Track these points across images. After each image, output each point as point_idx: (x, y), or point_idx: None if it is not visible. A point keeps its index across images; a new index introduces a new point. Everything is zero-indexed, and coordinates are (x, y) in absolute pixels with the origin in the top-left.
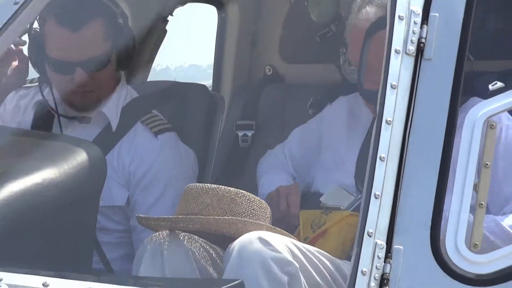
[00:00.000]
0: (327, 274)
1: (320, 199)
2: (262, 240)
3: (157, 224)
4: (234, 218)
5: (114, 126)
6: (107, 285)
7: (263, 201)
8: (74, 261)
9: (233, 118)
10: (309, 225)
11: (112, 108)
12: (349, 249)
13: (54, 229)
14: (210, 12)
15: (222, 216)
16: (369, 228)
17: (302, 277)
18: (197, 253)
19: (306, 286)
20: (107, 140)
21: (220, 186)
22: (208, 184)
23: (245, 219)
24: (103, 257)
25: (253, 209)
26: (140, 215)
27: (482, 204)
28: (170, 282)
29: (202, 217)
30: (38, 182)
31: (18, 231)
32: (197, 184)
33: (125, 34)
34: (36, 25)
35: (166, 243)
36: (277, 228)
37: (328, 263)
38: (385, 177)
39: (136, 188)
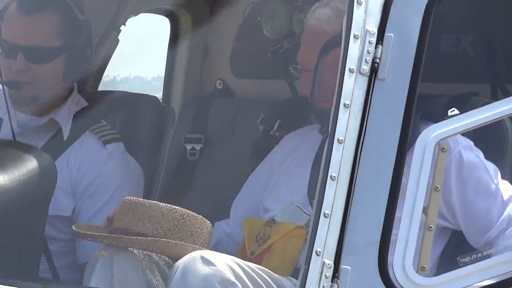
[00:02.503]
0: None
1: (275, 218)
2: (205, 260)
3: (84, 236)
4: (155, 239)
5: (65, 134)
6: None
7: (199, 217)
8: (20, 269)
9: (182, 131)
10: (253, 238)
11: (64, 116)
12: (296, 263)
13: (1, 236)
14: (163, 23)
15: (153, 232)
16: (317, 247)
17: None
18: (147, 267)
19: None
20: (56, 147)
21: (152, 201)
22: (141, 199)
23: (169, 240)
24: (52, 265)
25: (186, 225)
26: (73, 226)
27: (431, 227)
28: None
29: (125, 237)
30: None
31: None
32: (131, 197)
33: (82, 42)
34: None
35: (116, 255)
36: (203, 248)
37: (271, 281)
38: (335, 196)
39: (81, 196)
